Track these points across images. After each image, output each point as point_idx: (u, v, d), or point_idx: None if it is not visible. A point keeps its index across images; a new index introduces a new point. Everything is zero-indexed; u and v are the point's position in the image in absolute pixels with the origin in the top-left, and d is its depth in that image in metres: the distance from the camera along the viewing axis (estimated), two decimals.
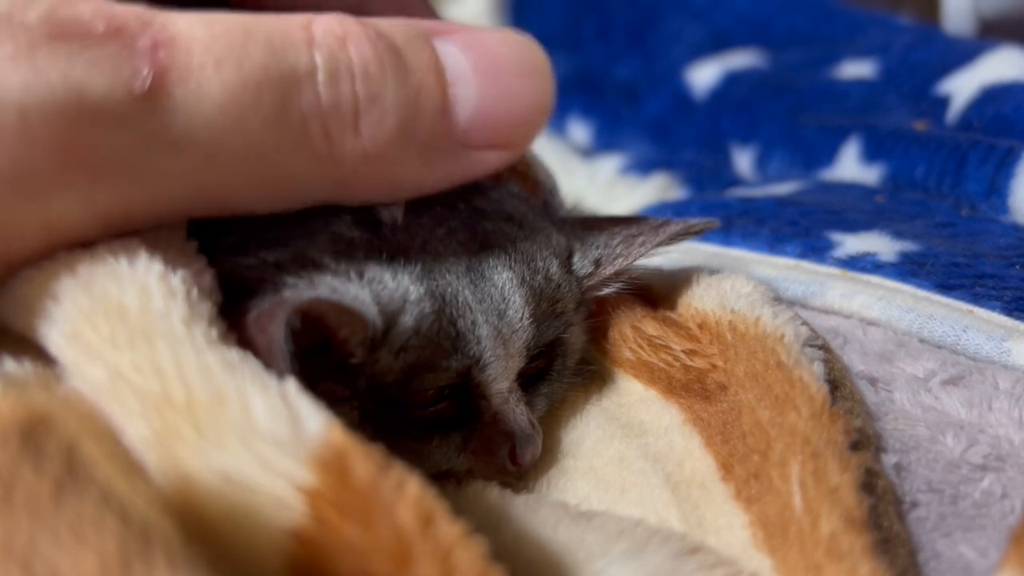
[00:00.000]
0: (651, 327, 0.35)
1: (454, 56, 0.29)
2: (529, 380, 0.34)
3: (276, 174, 0.27)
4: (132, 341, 0.25)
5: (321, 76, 0.27)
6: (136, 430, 0.24)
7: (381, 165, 0.28)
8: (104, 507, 0.21)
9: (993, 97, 0.50)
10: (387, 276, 0.30)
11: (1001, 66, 0.52)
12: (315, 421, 0.24)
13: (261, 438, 0.23)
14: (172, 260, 0.27)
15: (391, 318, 0.29)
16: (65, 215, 0.25)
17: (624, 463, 0.33)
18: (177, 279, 0.26)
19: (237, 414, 0.24)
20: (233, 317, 0.27)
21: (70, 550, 0.20)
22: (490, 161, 0.30)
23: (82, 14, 0.24)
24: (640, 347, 0.35)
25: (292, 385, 0.24)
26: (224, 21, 0.26)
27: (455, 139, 0.29)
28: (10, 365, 0.26)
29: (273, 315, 0.26)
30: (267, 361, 0.26)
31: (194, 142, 0.25)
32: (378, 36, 0.28)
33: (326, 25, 0.27)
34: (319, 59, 0.27)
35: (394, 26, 0.29)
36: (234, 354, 0.25)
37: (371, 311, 0.29)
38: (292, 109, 0.26)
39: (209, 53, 0.25)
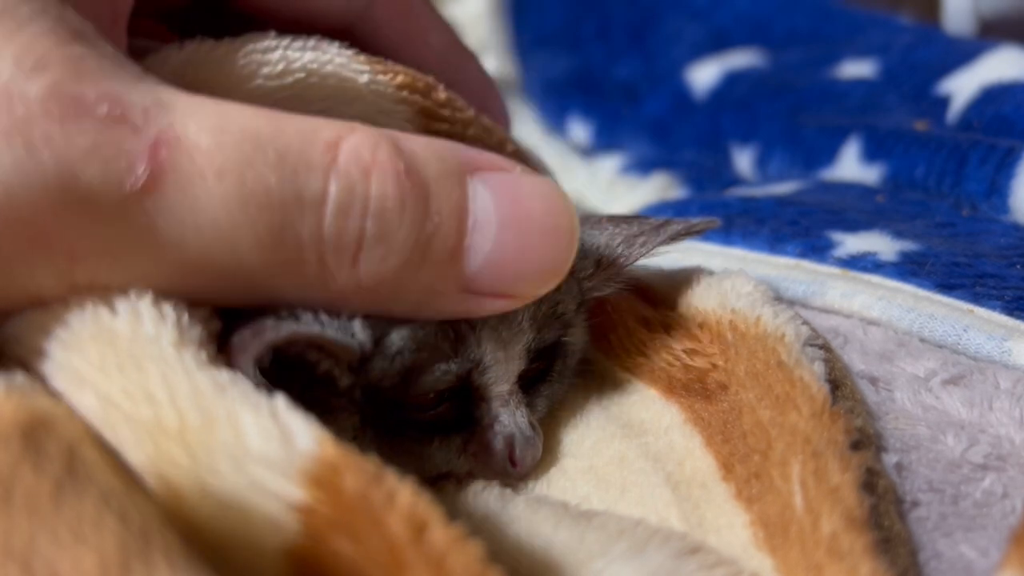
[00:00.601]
0: (651, 327, 0.35)
1: (484, 200, 0.27)
2: (529, 381, 0.34)
3: (261, 287, 0.26)
4: (122, 367, 0.24)
5: (330, 207, 0.25)
6: (131, 457, 0.24)
7: (372, 297, 0.27)
8: (104, 507, 0.21)
9: (993, 97, 0.50)
10: None
11: (1001, 66, 0.52)
12: (306, 437, 0.24)
13: (253, 459, 0.23)
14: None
15: (383, 331, 0.29)
16: (41, 285, 0.25)
17: (624, 463, 0.33)
18: (168, 305, 0.26)
19: (228, 436, 0.23)
20: (226, 341, 0.27)
21: (70, 550, 0.20)
22: (489, 307, 0.29)
23: (86, 94, 0.23)
24: (640, 347, 0.35)
25: (282, 402, 0.24)
26: (240, 125, 0.24)
27: (459, 284, 0.28)
28: (19, 378, 0.25)
29: (247, 348, 0.26)
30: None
31: (179, 249, 0.24)
32: (408, 172, 0.26)
33: (355, 151, 0.25)
34: (333, 189, 0.25)
35: (434, 157, 0.27)
36: (224, 375, 0.25)
37: (357, 337, 0.28)
38: (289, 235, 0.25)
39: (212, 163, 0.24)
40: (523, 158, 0.38)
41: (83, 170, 0.23)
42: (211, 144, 0.24)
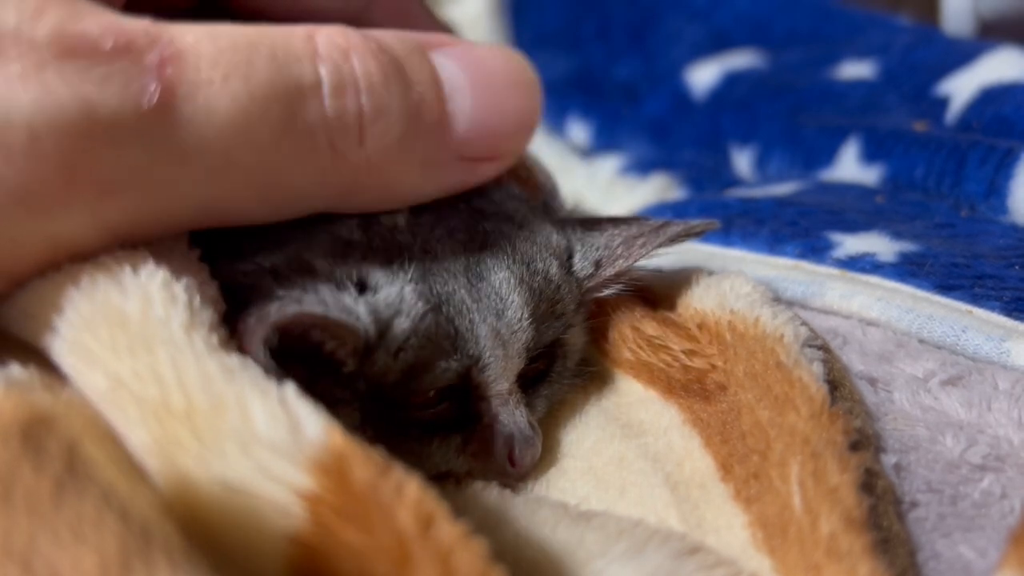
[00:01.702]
0: (650, 327, 0.35)
1: (450, 70, 0.30)
2: (529, 382, 0.34)
3: (281, 185, 0.27)
4: (132, 348, 0.25)
5: (326, 89, 0.27)
6: (137, 438, 0.24)
7: (383, 175, 0.29)
8: (104, 506, 0.21)
9: (993, 98, 0.50)
10: (384, 279, 0.30)
11: (1001, 67, 0.52)
12: (314, 425, 0.24)
13: (261, 444, 0.23)
14: (176, 269, 0.27)
15: (386, 322, 0.29)
16: (72, 230, 0.25)
17: (624, 463, 0.33)
18: (180, 287, 0.26)
19: (237, 420, 0.24)
20: (235, 324, 0.27)
21: (70, 549, 0.20)
22: (483, 171, 0.31)
23: (91, 30, 0.24)
24: (639, 347, 0.35)
25: (291, 390, 0.24)
26: (229, 34, 0.26)
27: (452, 150, 0.30)
28: (16, 370, 0.26)
29: (255, 331, 0.26)
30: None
31: (202, 156, 0.25)
32: (380, 49, 0.28)
33: (329, 37, 0.27)
34: (324, 72, 0.27)
35: (394, 39, 0.29)
36: (234, 360, 0.25)
37: (362, 320, 0.28)
38: (298, 121, 0.26)
39: (216, 67, 0.25)
40: (528, 164, 0.39)
41: (100, 100, 0.24)
42: (211, 50, 0.25)
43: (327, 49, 0.27)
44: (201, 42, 0.25)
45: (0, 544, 0.20)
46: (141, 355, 0.24)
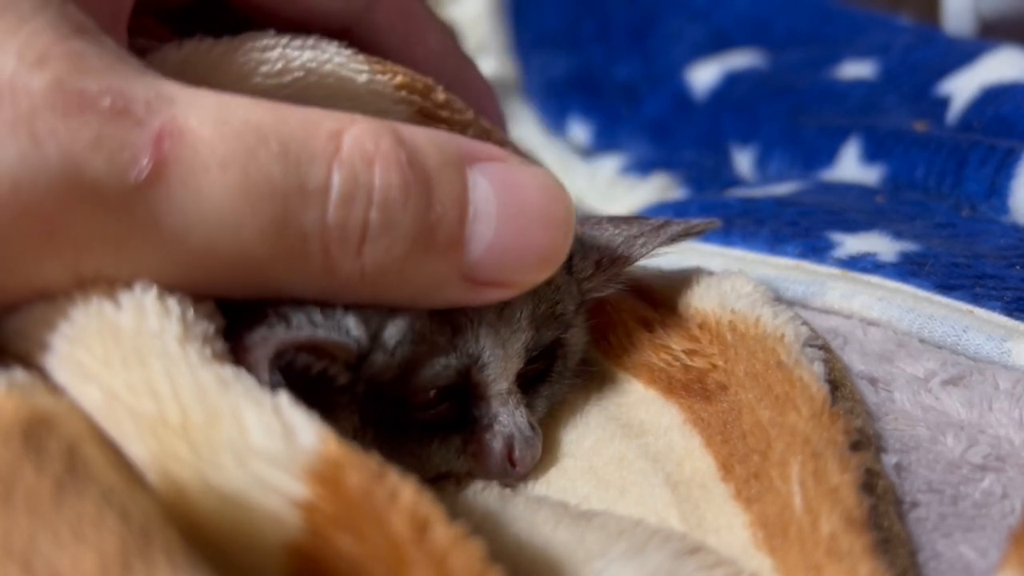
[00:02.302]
0: (651, 327, 0.35)
1: (484, 191, 0.28)
2: (529, 382, 0.34)
3: (265, 278, 0.26)
4: (126, 361, 0.24)
5: (334, 196, 0.25)
6: (134, 451, 0.24)
7: (375, 287, 0.27)
8: (105, 506, 0.21)
9: (993, 97, 0.50)
10: None
11: (1001, 66, 0.52)
12: (308, 434, 0.24)
13: (256, 455, 0.23)
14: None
15: (379, 327, 0.29)
16: (48, 278, 0.25)
17: (624, 463, 0.33)
18: (173, 300, 0.26)
19: (232, 432, 0.23)
20: (232, 340, 0.27)
21: (70, 549, 0.20)
22: (488, 296, 0.29)
23: (89, 88, 0.23)
24: (640, 347, 0.35)
25: (285, 398, 0.24)
26: (242, 117, 0.25)
27: (460, 273, 0.28)
28: (19, 374, 0.26)
29: (259, 358, 0.26)
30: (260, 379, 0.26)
31: (184, 240, 0.24)
32: (411, 162, 0.26)
33: (357, 141, 0.26)
34: (336, 179, 0.25)
35: (434, 147, 0.27)
36: (228, 371, 0.25)
37: (352, 334, 0.28)
38: (293, 226, 0.25)
39: (215, 154, 0.24)
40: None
41: (88, 162, 0.23)
42: (214, 135, 0.24)
43: (350, 154, 0.25)
44: (206, 124, 0.24)
45: (0, 543, 0.20)
46: (135, 368, 0.24)
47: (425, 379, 0.31)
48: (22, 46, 0.23)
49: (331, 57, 0.32)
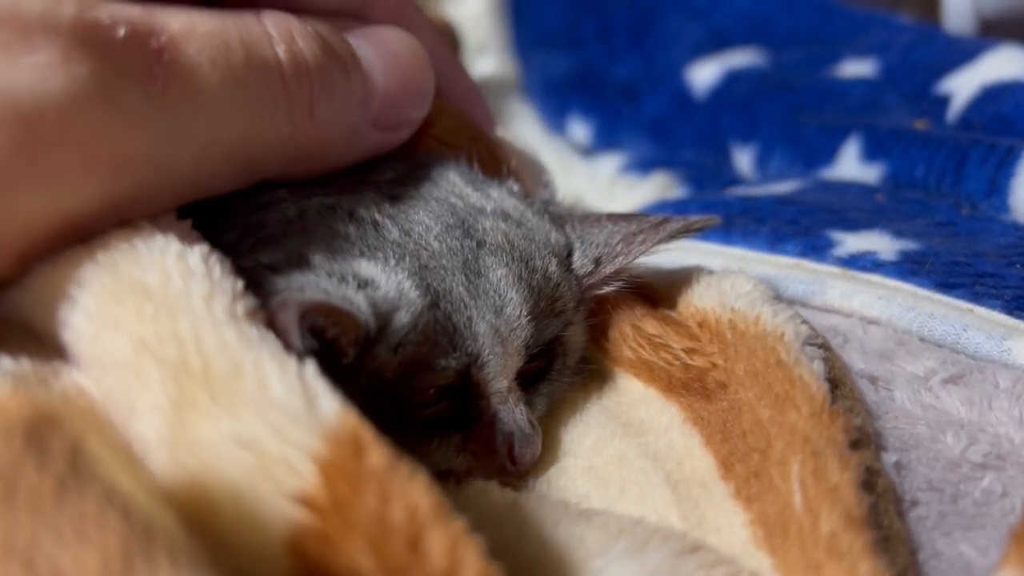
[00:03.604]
0: (651, 326, 0.35)
1: (365, 50, 0.34)
2: (529, 380, 0.34)
3: (250, 155, 0.30)
4: (156, 316, 0.25)
5: (287, 69, 0.30)
6: (153, 401, 0.24)
7: (322, 143, 0.32)
8: (107, 505, 0.21)
9: (993, 96, 0.50)
10: (382, 274, 0.30)
11: (1001, 65, 0.52)
12: (331, 403, 0.24)
13: (276, 409, 0.23)
14: (186, 240, 0.28)
15: (385, 316, 0.29)
16: (81, 205, 0.27)
17: (624, 462, 0.33)
18: (196, 257, 0.27)
19: (253, 386, 0.24)
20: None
21: (72, 547, 0.20)
22: (395, 138, 0.35)
23: (104, 18, 0.26)
24: (640, 346, 0.35)
25: (311, 368, 0.25)
26: (204, 21, 0.29)
27: (371, 121, 0.34)
28: (7, 362, 0.26)
29: (287, 318, 0.27)
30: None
31: (199, 132, 0.28)
32: (315, 32, 0.31)
33: (275, 22, 0.31)
34: (281, 52, 0.30)
35: (319, 24, 0.32)
36: (254, 331, 0.25)
37: (363, 311, 0.29)
38: (269, 98, 0.30)
39: (202, 53, 0.28)
40: (514, 159, 0.39)
41: (117, 83, 0.26)
42: (196, 38, 0.28)
43: (277, 32, 0.30)
44: (186, 29, 0.28)
45: (2, 542, 0.20)
46: (164, 321, 0.25)
47: (426, 380, 0.31)
48: None
49: None
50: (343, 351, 0.29)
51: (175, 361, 0.24)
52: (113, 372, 0.25)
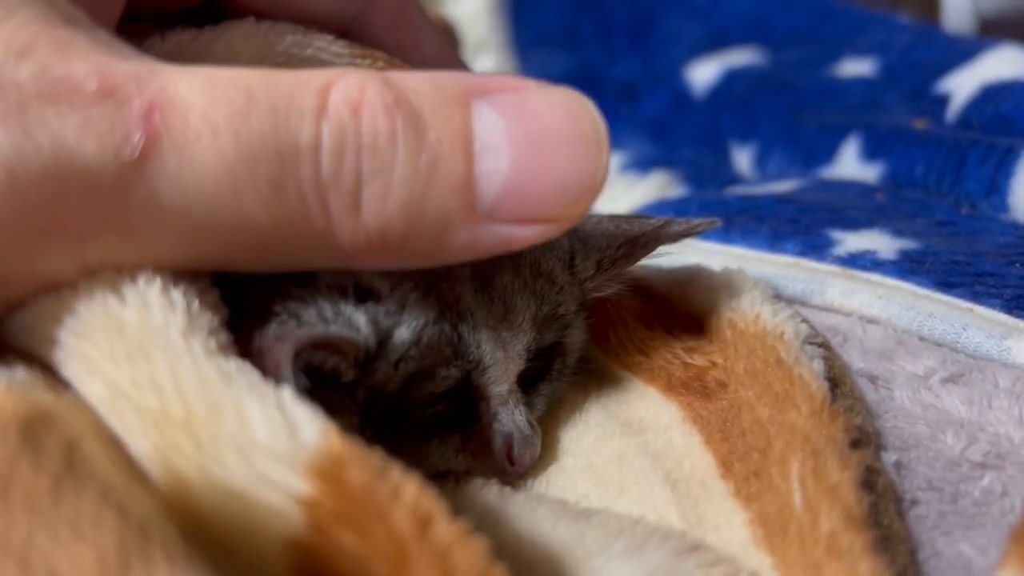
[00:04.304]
0: (650, 325, 0.35)
1: (490, 121, 0.26)
2: (529, 380, 0.34)
3: (272, 246, 0.26)
4: (130, 356, 0.24)
5: (325, 151, 0.24)
6: (137, 445, 0.24)
7: (386, 241, 0.26)
8: (103, 503, 0.21)
9: (993, 95, 0.50)
10: (387, 285, 0.29)
11: (1001, 65, 0.52)
12: (311, 429, 0.24)
13: (259, 450, 0.23)
14: (174, 274, 0.27)
15: (386, 332, 0.29)
16: (53, 268, 0.25)
17: (623, 461, 0.33)
18: (178, 292, 0.26)
19: (234, 426, 0.23)
20: (237, 333, 0.27)
21: (68, 546, 0.20)
22: (525, 236, 0.27)
23: (76, 72, 0.23)
24: (639, 345, 0.35)
25: (288, 393, 0.24)
26: (228, 84, 0.24)
27: (476, 214, 0.26)
28: (20, 372, 0.26)
29: (281, 354, 0.26)
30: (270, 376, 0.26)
31: (185, 212, 0.24)
32: (398, 104, 0.25)
33: (343, 92, 0.25)
34: (326, 131, 0.24)
35: (426, 87, 0.26)
36: (232, 365, 0.25)
37: (362, 331, 0.28)
38: (290, 185, 0.24)
39: (206, 121, 0.24)
40: None
41: (79, 148, 0.23)
42: (204, 101, 0.24)
43: (337, 106, 0.25)
44: (194, 91, 0.24)
45: None
46: (139, 363, 0.24)
47: (426, 389, 0.31)
48: (8, 37, 0.23)
49: (312, 42, 0.33)
50: (342, 373, 0.29)
51: (155, 409, 0.24)
52: (100, 412, 0.25)
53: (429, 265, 0.27)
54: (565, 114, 0.27)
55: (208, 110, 0.24)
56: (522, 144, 0.26)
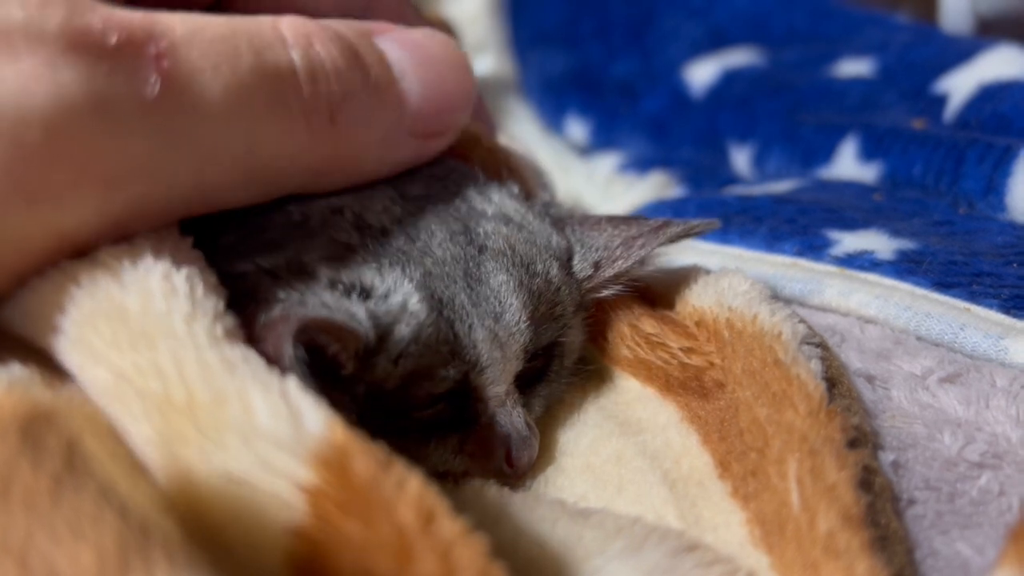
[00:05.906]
0: (648, 325, 0.35)
1: (396, 53, 0.32)
2: (526, 381, 0.34)
3: (264, 166, 0.29)
4: (134, 343, 0.25)
5: (301, 73, 0.29)
6: (140, 431, 0.24)
7: (350, 153, 0.31)
8: (103, 503, 0.21)
9: (991, 95, 0.50)
10: (383, 283, 0.29)
11: (999, 64, 0.52)
12: (316, 419, 0.24)
13: (262, 437, 0.23)
14: (175, 260, 0.27)
15: (386, 328, 0.29)
16: (76, 222, 0.26)
17: (622, 461, 0.33)
18: (181, 277, 0.26)
19: (238, 413, 0.24)
20: (240, 317, 0.27)
21: (67, 546, 0.20)
22: (433, 147, 0.33)
23: (95, 24, 0.25)
24: (637, 345, 0.35)
25: (293, 383, 0.24)
26: (212, 25, 0.27)
27: (406, 128, 0.32)
28: (16, 369, 0.26)
29: (281, 335, 0.26)
30: (274, 364, 0.26)
31: (198, 142, 0.27)
32: (337, 35, 0.30)
33: (292, 25, 0.29)
34: (296, 56, 0.29)
35: (342, 26, 0.31)
36: (237, 352, 0.25)
37: (363, 324, 0.28)
38: (281, 104, 0.28)
39: (206, 57, 0.27)
40: (512, 160, 0.39)
41: (109, 95, 0.25)
42: (200, 42, 0.27)
43: (293, 36, 0.29)
44: (191, 33, 0.27)
45: None
46: (143, 349, 0.25)
47: (425, 388, 0.31)
48: None
49: None
50: (342, 364, 0.29)
51: (159, 395, 0.24)
52: (102, 399, 0.25)
53: (371, 180, 0.32)
54: (442, 44, 0.33)
55: (206, 48, 0.27)
56: (423, 69, 0.32)
